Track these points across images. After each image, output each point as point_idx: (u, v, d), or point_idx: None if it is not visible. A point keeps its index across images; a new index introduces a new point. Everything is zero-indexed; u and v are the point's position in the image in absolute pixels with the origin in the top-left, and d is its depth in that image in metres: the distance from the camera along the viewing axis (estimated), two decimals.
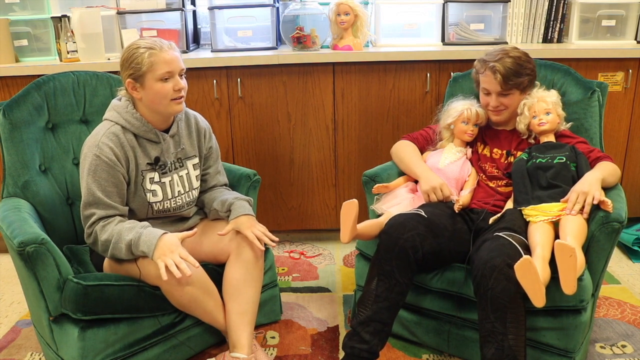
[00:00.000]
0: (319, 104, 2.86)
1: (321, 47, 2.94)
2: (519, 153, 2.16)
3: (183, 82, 1.88)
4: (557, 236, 1.86)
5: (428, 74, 2.83)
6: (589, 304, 1.91)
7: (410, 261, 1.87)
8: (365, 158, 2.93)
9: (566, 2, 3.02)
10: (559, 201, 1.92)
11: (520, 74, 2.11)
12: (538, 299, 1.65)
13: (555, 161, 2.02)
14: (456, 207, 2.06)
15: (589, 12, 3.01)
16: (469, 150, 2.26)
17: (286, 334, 2.28)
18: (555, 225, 1.89)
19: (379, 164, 2.41)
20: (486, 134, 2.27)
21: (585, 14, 3.01)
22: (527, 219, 1.94)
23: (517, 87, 2.13)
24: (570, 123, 2.23)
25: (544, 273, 1.71)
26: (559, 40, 3.07)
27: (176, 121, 1.99)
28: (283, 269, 2.82)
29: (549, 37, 3.07)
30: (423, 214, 1.96)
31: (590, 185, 1.89)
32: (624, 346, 2.21)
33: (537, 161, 2.05)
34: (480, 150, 2.26)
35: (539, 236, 1.83)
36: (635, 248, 2.97)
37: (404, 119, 2.89)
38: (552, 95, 2.16)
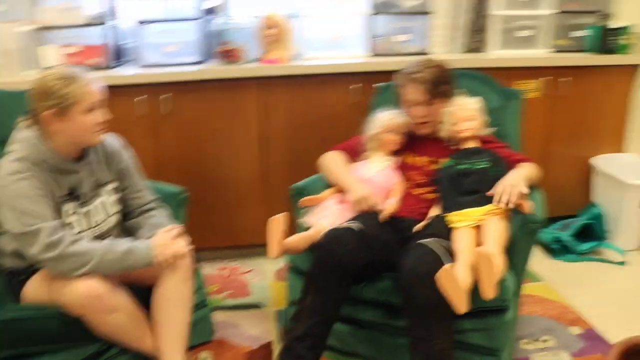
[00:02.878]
0: (246, 118, 2.87)
1: (248, 61, 2.93)
2: (443, 160, 2.20)
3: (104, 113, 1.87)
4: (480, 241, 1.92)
5: (354, 86, 2.88)
6: (512, 303, 1.97)
7: (346, 276, 1.90)
8: (295, 172, 2.88)
9: (486, 14, 3.15)
10: (481, 206, 1.98)
11: (444, 82, 2.20)
12: (460, 306, 1.72)
13: (475, 167, 2.10)
14: (381, 217, 2.09)
15: (507, 24, 3.15)
16: (395, 160, 2.30)
17: (219, 354, 2.27)
18: (479, 229, 1.95)
19: (308, 177, 2.42)
20: (412, 142, 2.30)
21: (504, 25, 3.15)
22: (450, 225, 1.99)
23: (442, 96, 2.20)
24: (494, 129, 2.31)
25: (467, 279, 1.78)
26: (479, 50, 3.18)
27: (89, 149, 1.96)
28: (214, 287, 2.81)
29: (470, 48, 3.17)
30: (357, 226, 1.98)
31: (516, 180, 1.98)
32: (546, 340, 2.34)
33: (460, 167, 2.13)
34: (406, 159, 2.29)
35: (461, 242, 1.90)
36: (554, 246, 3.11)
37: (330, 132, 2.91)
38: (474, 102, 2.24)
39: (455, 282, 1.70)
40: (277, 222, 1.95)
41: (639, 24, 3.15)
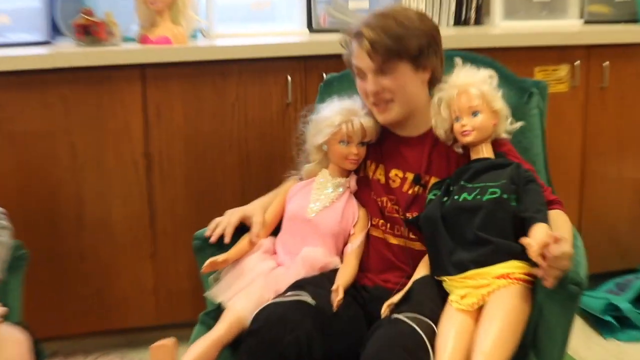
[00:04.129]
0: (122, 128, 2.83)
1: (123, 40, 2.91)
2: (434, 180, 2.18)
3: None
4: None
5: (289, 77, 2.87)
6: None
7: None
8: (199, 209, 2.92)
9: None
10: (490, 264, 1.93)
11: (400, 36, 2.13)
12: None
13: (486, 197, 2.01)
14: (335, 302, 2.03)
15: None
16: (353, 180, 2.27)
17: None
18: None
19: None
20: (381, 144, 2.29)
21: None
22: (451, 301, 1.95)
23: (400, 58, 2.13)
24: (519, 123, 2.23)
25: None
26: (478, 22, 3.20)
27: None
28: None
29: (463, 18, 3.19)
30: (308, 300, 1.99)
31: (569, 244, 1.92)
32: None
33: (460, 198, 2.04)
34: (371, 174, 2.28)
35: (450, 332, 1.86)
36: (607, 318, 3.06)
37: (257, 146, 2.90)
38: (480, 80, 2.13)
39: None
40: (163, 353, 1.97)
41: None
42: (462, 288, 1.93)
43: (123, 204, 2.88)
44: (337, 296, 2.03)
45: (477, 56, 2.48)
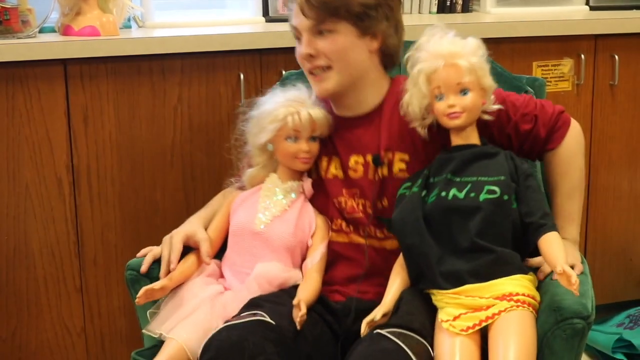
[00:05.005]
0: (41, 137, 2.82)
1: (41, 32, 2.92)
2: (399, 157, 2.21)
3: None
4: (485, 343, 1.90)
5: (241, 75, 2.90)
6: None
7: None
8: (135, 234, 2.93)
9: None
10: (492, 278, 1.95)
11: None
12: None
13: (483, 196, 2.03)
14: (297, 319, 2.04)
15: None
16: (308, 183, 2.31)
17: None
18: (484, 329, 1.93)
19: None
20: (334, 132, 2.32)
21: None
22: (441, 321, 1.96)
23: (339, 16, 2.16)
24: (497, 106, 2.17)
25: None
26: (466, 9, 3.25)
27: None
28: None
29: (448, 4, 3.24)
30: (267, 318, 2.01)
31: (575, 258, 2.01)
32: None
33: (449, 195, 2.05)
34: (324, 171, 2.31)
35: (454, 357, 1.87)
36: (619, 357, 3.09)
37: (204, 157, 2.93)
38: (470, 50, 2.10)
39: None
40: None
41: None
42: (455, 306, 1.95)
43: (43, 229, 2.86)
44: (300, 311, 2.04)
45: None
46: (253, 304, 2.08)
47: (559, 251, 1.90)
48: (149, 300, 2.18)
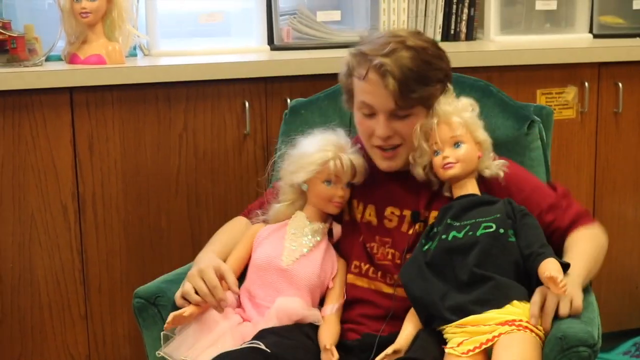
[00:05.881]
0: (48, 165, 2.82)
1: (46, 60, 2.90)
2: (434, 215, 2.20)
3: None
4: None
5: (247, 103, 2.90)
6: None
7: None
8: (140, 262, 2.93)
9: None
10: (495, 304, 1.96)
11: (428, 78, 2.16)
12: None
13: (480, 232, 2.05)
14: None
15: None
16: (338, 228, 2.32)
17: None
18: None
19: (167, 271, 2.40)
20: (365, 181, 2.30)
21: None
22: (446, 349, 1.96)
23: (424, 103, 2.17)
24: (503, 162, 2.24)
25: None
26: (470, 37, 3.28)
27: None
28: None
29: (452, 32, 3.24)
30: (262, 347, 1.99)
31: (571, 285, 1.96)
32: None
33: (449, 237, 2.08)
34: (359, 216, 2.30)
35: None
36: None
37: (209, 185, 2.92)
38: (461, 107, 2.19)
39: None
40: None
41: None
42: (461, 334, 1.96)
43: (49, 256, 2.85)
44: (333, 357, 2.06)
45: (468, 78, 2.55)
46: (258, 336, 2.07)
47: (552, 266, 1.92)
48: (174, 327, 2.16)
